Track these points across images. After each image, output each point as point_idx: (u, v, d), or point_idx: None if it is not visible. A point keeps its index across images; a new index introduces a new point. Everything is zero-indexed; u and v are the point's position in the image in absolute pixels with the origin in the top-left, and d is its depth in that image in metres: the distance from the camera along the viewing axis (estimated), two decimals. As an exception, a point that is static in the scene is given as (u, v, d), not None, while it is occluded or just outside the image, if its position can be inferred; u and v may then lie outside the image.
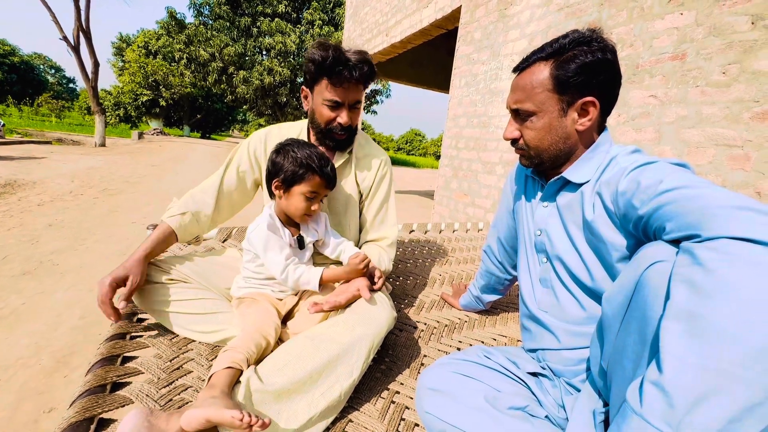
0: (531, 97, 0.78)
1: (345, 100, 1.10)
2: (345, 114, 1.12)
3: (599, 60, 0.73)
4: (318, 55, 1.04)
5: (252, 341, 0.83)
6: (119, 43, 35.70)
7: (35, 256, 2.85)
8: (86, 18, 12.49)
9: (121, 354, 0.89)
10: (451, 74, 3.98)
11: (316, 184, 1.03)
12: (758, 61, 1.66)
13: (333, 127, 1.14)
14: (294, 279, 1.00)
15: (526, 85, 0.78)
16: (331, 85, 1.07)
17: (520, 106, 0.80)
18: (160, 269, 1.00)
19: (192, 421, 0.64)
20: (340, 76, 1.05)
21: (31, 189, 5.03)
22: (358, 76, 1.07)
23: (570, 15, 2.61)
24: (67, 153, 9.75)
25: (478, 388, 0.75)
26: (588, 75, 0.73)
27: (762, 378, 0.38)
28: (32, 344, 1.84)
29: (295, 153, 1.02)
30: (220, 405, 0.64)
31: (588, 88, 0.75)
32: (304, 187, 1.02)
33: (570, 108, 0.77)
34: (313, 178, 1.02)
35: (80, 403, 0.72)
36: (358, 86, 1.11)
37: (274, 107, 19.20)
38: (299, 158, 1.01)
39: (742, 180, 1.70)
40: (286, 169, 1.01)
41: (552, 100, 0.77)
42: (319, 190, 1.04)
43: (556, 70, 0.75)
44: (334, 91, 1.08)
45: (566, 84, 0.74)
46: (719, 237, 0.45)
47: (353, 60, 1.06)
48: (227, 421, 0.61)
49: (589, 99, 0.75)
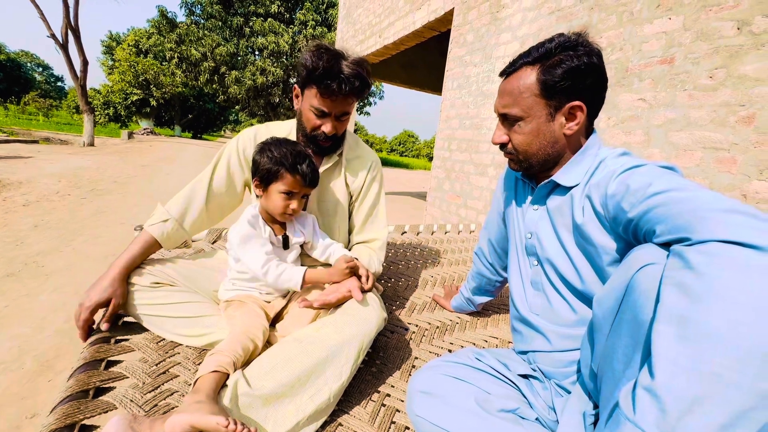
0: (518, 102, 0.78)
1: (332, 111, 1.07)
2: (330, 124, 1.09)
3: (585, 64, 0.73)
4: (310, 62, 1.01)
5: (239, 344, 0.82)
6: (109, 42, 35.26)
7: (20, 258, 2.79)
8: (75, 15, 12.30)
9: (105, 358, 0.87)
10: (443, 76, 3.99)
11: (291, 182, 1.01)
12: (744, 65, 1.69)
13: (317, 134, 1.11)
14: (275, 275, 0.98)
15: (514, 90, 0.78)
16: (319, 94, 1.04)
17: (508, 111, 0.80)
18: (146, 273, 0.98)
19: (176, 426, 0.61)
20: (329, 87, 1.02)
21: (17, 189, 4.92)
22: (348, 90, 1.03)
23: (561, 18, 2.64)
24: (54, 152, 9.57)
25: (469, 391, 0.75)
26: (575, 79, 0.73)
27: (755, 382, 0.38)
28: (15, 348, 1.79)
29: (272, 151, 1.00)
30: (206, 410, 0.63)
31: (575, 93, 0.75)
32: (280, 186, 1.01)
33: (557, 112, 0.77)
34: (287, 176, 1.00)
35: (61, 409, 0.70)
36: (347, 99, 1.07)
37: (267, 107, 19.10)
38: (275, 156, 1.00)
39: (729, 182, 1.73)
40: (263, 167, 1.01)
41: (539, 105, 0.77)
42: (295, 188, 1.02)
43: (543, 75, 0.75)
44: (321, 100, 1.05)
45: (553, 89, 0.75)
46: (709, 240, 0.45)
47: (346, 73, 1.02)
48: (212, 427, 0.60)
49: (576, 103, 0.75)
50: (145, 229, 1.05)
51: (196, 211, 1.13)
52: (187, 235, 1.13)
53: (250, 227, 1.01)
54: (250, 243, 1.00)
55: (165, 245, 1.07)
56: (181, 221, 1.10)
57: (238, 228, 1.02)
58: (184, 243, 1.52)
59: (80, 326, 0.91)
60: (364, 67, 1.06)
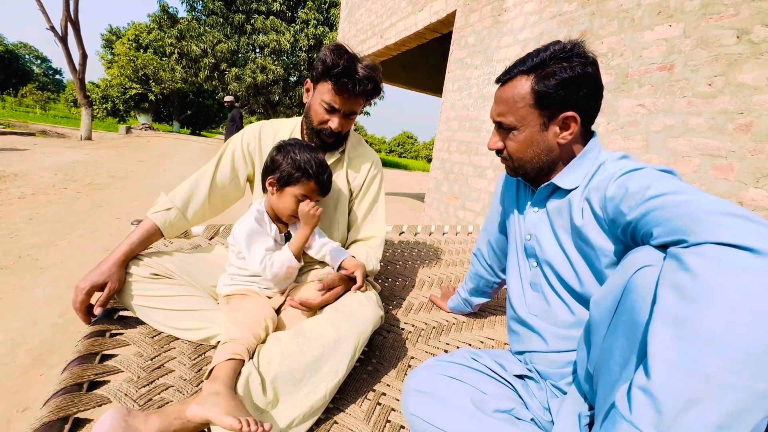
0: (513, 111, 0.79)
1: (342, 108, 1.11)
2: (337, 120, 1.12)
3: (580, 75, 0.73)
4: (330, 60, 1.05)
5: (250, 332, 0.83)
6: (109, 36, 35.09)
7: (14, 251, 2.76)
8: (75, 8, 12.22)
9: (100, 352, 0.87)
10: (444, 78, 4.00)
11: (309, 189, 1.05)
12: (743, 74, 1.70)
13: (323, 129, 1.14)
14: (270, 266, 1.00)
15: (508, 98, 0.79)
16: (332, 90, 1.08)
17: (503, 120, 0.81)
18: (144, 264, 0.98)
19: (194, 417, 0.65)
20: (344, 85, 1.06)
21: (12, 181, 4.88)
22: (361, 90, 1.09)
23: (562, 23, 2.65)
24: (51, 145, 9.50)
25: (465, 391, 0.75)
26: (569, 90, 0.74)
27: (750, 383, 0.38)
28: (8, 341, 1.78)
29: (295, 155, 1.04)
30: (222, 408, 0.64)
31: (569, 103, 0.75)
32: (297, 190, 1.04)
33: (551, 122, 0.77)
34: (307, 183, 1.04)
35: (55, 402, 0.70)
36: (358, 99, 1.12)
37: (267, 105, 19.05)
38: (298, 161, 1.03)
39: (726, 189, 1.74)
40: (283, 169, 1.03)
41: (533, 115, 0.77)
42: (311, 195, 1.06)
43: (537, 85, 0.75)
44: (333, 96, 1.09)
45: (547, 99, 0.75)
46: (706, 242, 0.46)
47: (361, 74, 1.07)
48: (227, 426, 0.62)
49: (570, 114, 0.75)
50: (147, 217, 1.06)
51: (198, 201, 1.14)
52: (189, 225, 1.14)
53: (257, 224, 1.03)
54: (254, 239, 1.01)
55: (166, 234, 1.08)
56: (184, 211, 1.11)
57: (244, 224, 1.03)
58: (185, 233, 1.52)
59: (77, 308, 0.90)
60: (377, 72, 1.12)
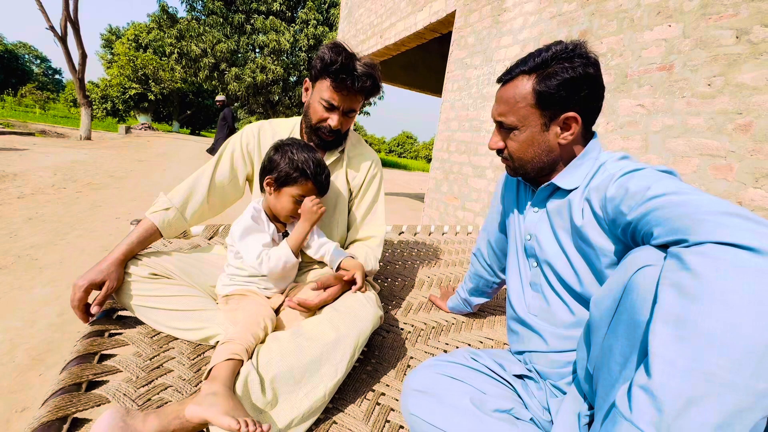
0: (514, 111, 0.78)
1: (341, 105, 1.11)
2: (336, 118, 1.12)
3: (581, 75, 0.73)
4: (328, 57, 1.05)
5: (249, 332, 0.83)
6: (108, 36, 35.09)
7: (13, 251, 2.76)
8: (74, 8, 12.19)
9: (99, 352, 0.86)
10: (444, 78, 4.00)
11: (307, 189, 1.04)
12: (742, 74, 1.71)
13: (322, 127, 1.15)
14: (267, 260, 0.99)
15: (510, 98, 0.79)
16: (331, 87, 1.08)
17: (504, 120, 0.81)
18: (143, 264, 0.97)
19: (193, 417, 0.65)
20: (343, 82, 1.07)
21: (11, 181, 4.88)
22: (359, 87, 1.09)
23: (562, 23, 2.65)
24: (50, 145, 9.49)
25: (464, 390, 0.75)
26: (570, 91, 0.74)
27: (750, 382, 0.38)
28: (6, 341, 1.77)
29: (293, 155, 1.03)
30: (221, 408, 0.64)
31: (570, 104, 0.75)
32: (294, 190, 1.04)
33: (552, 123, 0.77)
34: (305, 184, 1.04)
35: (53, 402, 0.69)
36: (356, 96, 1.13)
37: (266, 105, 19.04)
38: (296, 161, 1.02)
39: (725, 189, 1.74)
40: (281, 169, 1.03)
41: (534, 115, 0.77)
42: (308, 195, 1.05)
43: (539, 86, 0.75)
44: (332, 93, 1.09)
45: (548, 99, 0.75)
46: (706, 242, 0.46)
47: (359, 71, 1.07)
48: (225, 426, 0.61)
49: (571, 114, 0.75)
50: (146, 217, 1.06)
51: (197, 201, 1.13)
52: (188, 225, 1.13)
53: (253, 222, 1.03)
54: (250, 236, 1.01)
55: (165, 234, 1.07)
56: (183, 211, 1.11)
57: (240, 222, 1.03)
58: (183, 233, 1.52)
59: (74, 306, 0.90)
60: (376, 70, 1.12)
